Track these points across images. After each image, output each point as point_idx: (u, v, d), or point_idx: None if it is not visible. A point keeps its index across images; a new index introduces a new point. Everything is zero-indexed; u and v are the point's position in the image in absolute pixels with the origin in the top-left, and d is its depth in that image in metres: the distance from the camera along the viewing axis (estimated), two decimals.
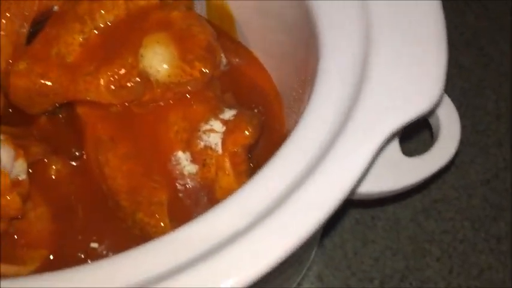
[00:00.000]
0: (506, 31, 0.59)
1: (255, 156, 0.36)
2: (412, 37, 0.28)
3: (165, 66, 0.34)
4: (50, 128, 0.38)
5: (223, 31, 0.43)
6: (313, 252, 0.47)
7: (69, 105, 0.38)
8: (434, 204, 0.51)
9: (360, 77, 0.27)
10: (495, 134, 0.54)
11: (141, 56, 0.34)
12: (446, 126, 0.31)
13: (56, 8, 0.37)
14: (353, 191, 0.29)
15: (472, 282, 0.47)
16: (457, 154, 0.51)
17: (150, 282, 0.25)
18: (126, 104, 0.35)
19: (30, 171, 0.33)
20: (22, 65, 0.35)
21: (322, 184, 0.25)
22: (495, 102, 0.56)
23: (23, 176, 0.32)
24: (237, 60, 0.42)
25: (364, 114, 0.26)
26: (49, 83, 0.35)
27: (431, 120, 0.33)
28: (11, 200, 0.30)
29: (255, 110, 0.40)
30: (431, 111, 0.29)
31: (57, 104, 0.37)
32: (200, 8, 0.43)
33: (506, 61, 0.58)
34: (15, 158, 0.31)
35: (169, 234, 0.27)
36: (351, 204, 0.50)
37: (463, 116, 0.36)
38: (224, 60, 0.38)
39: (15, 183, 0.31)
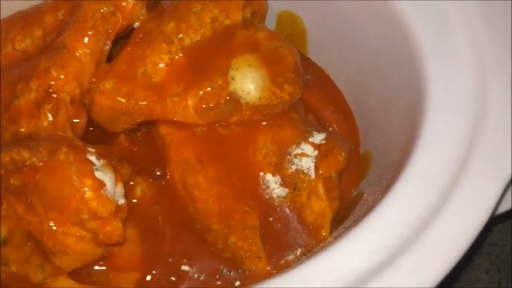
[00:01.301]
0: None
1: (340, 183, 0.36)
2: None
3: (256, 89, 0.34)
4: (129, 146, 0.37)
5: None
6: None
7: (148, 124, 0.38)
8: None
9: (477, 114, 0.27)
10: None
11: (232, 78, 0.34)
12: None
13: (137, 24, 0.37)
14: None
15: None
16: None
17: None
18: (212, 125, 0.35)
19: None
20: (108, 84, 0.35)
21: (453, 227, 0.25)
22: None
23: (122, 201, 0.31)
24: (308, 77, 0.42)
25: (487, 153, 0.27)
26: (135, 103, 0.35)
27: None
28: (115, 226, 0.30)
29: (330, 129, 0.40)
30: None
31: (138, 123, 0.37)
32: (268, 20, 0.43)
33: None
34: (116, 183, 0.31)
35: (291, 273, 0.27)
36: None
37: None
38: None
39: (117, 209, 0.30)
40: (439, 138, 0.28)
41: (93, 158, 0.30)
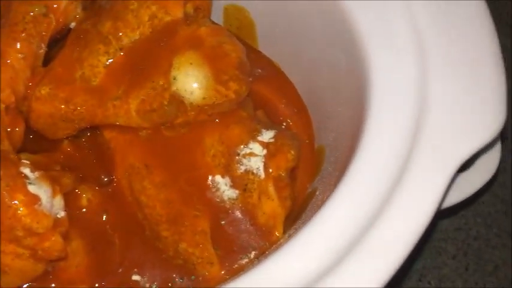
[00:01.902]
0: (506, 26, 0.60)
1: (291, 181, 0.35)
2: (468, 63, 0.28)
3: (200, 88, 0.33)
4: (74, 153, 0.36)
5: (242, 39, 0.41)
6: None
7: (92, 128, 0.36)
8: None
9: (420, 105, 0.27)
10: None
11: (174, 78, 0.33)
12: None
13: (73, 24, 0.35)
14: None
15: (488, 279, 0.48)
16: None
17: None
18: (157, 127, 0.34)
19: None
20: (44, 90, 0.33)
21: (398, 225, 0.25)
22: None
23: (61, 214, 0.30)
24: (259, 71, 0.41)
25: (431, 147, 0.26)
26: (75, 108, 0.33)
27: None
28: (54, 241, 0.28)
29: (283, 124, 0.39)
30: (495, 140, 0.29)
31: (80, 129, 0.35)
32: (216, 15, 0.42)
33: (507, 57, 0.58)
34: (53, 195, 0.29)
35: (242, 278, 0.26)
36: None
37: None
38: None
39: (56, 223, 0.29)
40: (383, 134, 0.27)
41: (27, 171, 0.29)
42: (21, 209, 0.27)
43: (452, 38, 0.29)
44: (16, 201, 0.27)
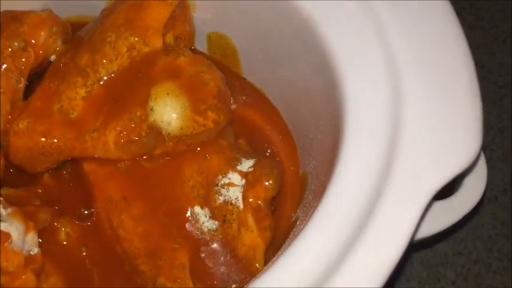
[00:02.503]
0: (503, 43, 0.59)
1: (271, 211, 0.34)
2: (442, 88, 0.27)
3: (177, 118, 0.33)
4: (55, 185, 0.36)
5: (227, 66, 0.41)
6: None
7: (73, 161, 0.36)
8: None
9: (393, 131, 0.26)
10: (500, 149, 0.54)
11: (151, 109, 0.33)
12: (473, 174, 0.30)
13: (52, 58, 0.35)
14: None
15: None
16: None
17: None
18: (136, 158, 0.34)
19: (40, 240, 0.31)
20: (22, 124, 0.33)
21: (369, 259, 0.24)
22: (497, 116, 0.55)
23: (35, 250, 0.30)
24: (244, 98, 0.41)
25: (404, 176, 0.25)
26: (53, 142, 0.33)
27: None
28: (26, 280, 0.28)
29: (268, 151, 0.39)
30: (470, 168, 0.28)
31: (59, 162, 0.35)
32: (200, 42, 0.42)
33: (505, 73, 0.58)
34: (26, 232, 0.29)
35: None
36: None
37: None
38: (232, 102, 0.37)
39: (28, 260, 0.29)
40: (356, 163, 0.26)
41: None
42: None
43: (426, 64, 0.28)
44: None
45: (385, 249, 0.24)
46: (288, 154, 0.38)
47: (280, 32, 0.36)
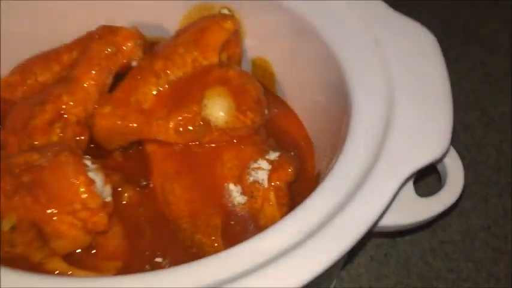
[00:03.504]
0: (506, 95, 0.67)
1: (290, 191, 0.43)
2: (425, 99, 0.36)
3: (224, 114, 0.42)
4: (123, 161, 0.45)
5: (264, 85, 0.51)
6: (334, 283, 0.53)
7: (139, 143, 0.46)
8: (441, 245, 0.57)
9: (384, 132, 0.35)
10: (496, 186, 0.60)
11: (205, 105, 0.42)
12: (452, 173, 0.39)
13: (134, 63, 0.46)
14: (376, 223, 0.35)
15: None
16: (461, 200, 0.58)
17: (217, 283, 0.32)
18: (189, 143, 0.43)
19: None
20: (107, 109, 0.43)
21: (352, 216, 0.32)
22: (496, 158, 0.62)
23: (109, 199, 0.39)
24: (276, 110, 0.50)
25: (387, 160, 0.34)
26: (128, 124, 0.43)
27: (439, 167, 0.40)
28: (101, 217, 0.37)
29: (292, 153, 0.47)
30: (440, 159, 0.36)
31: (130, 142, 0.45)
32: (246, 64, 0.52)
33: (506, 121, 0.65)
34: (105, 184, 0.38)
35: (233, 248, 0.33)
36: (370, 237, 0.56)
37: (466, 168, 0.43)
38: (266, 110, 0.46)
39: (104, 204, 0.38)
40: (355, 151, 0.35)
41: (88, 162, 0.38)
42: (81, 187, 0.37)
43: (413, 84, 0.38)
44: (78, 181, 0.37)
45: (368, 208, 0.32)
46: (307, 157, 0.47)
47: (309, 62, 0.46)
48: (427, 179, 0.59)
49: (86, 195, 0.36)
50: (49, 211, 0.37)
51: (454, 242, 0.57)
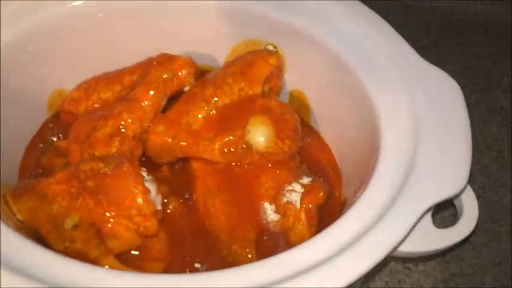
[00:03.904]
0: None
1: (319, 214, 0.48)
2: (447, 139, 0.41)
3: (264, 140, 0.47)
4: (169, 174, 0.50)
5: (300, 116, 0.56)
6: None
7: (184, 159, 0.51)
8: (453, 277, 0.60)
9: (408, 168, 0.40)
10: (508, 225, 0.63)
11: (248, 131, 0.47)
12: (467, 208, 0.43)
13: (186, 88, 0.51)
14: (395, 249, 0.40)
15: None
16: (474, 236, 0.61)
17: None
18: (231, 164, 0.48)
19: None
20: (161, 127, 0.49)
21: (374, 241, 0.37)
22: (509, 198, 0.65)
23: (159, 207, 0.44)
24: (309, 139, 0.55)
25: (410, 193, 0.39)
26: (178, 142, 0.48)
27: (456, 202, 0.44)
28: (153, 223, 0.42)
29: (321, 179, 0.52)
30: (457, 195, 0.41)
31: (177, 158, 0.50)
32: (284, 95, 0.57)
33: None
34: (157, 193, 0.44)
35: (267, 259, 0.38)
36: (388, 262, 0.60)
37: (481, 206, 0.46)
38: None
39: (156, 212, 0.43)
40: (381, 184, 0.40)
41: (144, 174, 0.44)
42: (138, 195, 0.42)
43: (437, 122, 0.43)
44: (136, 190, 0.42)
45: (390, 234, 0.37)
46: (335, 184, 0.52)
47: (343, 98, 0.51)
48: (442, 213, 0.62)
49: (142, 202, 0.42)
50: (108, 214, 0.42)
51: (465, 275, 0.60)
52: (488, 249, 0.62)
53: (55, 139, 0.53)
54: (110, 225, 0.42)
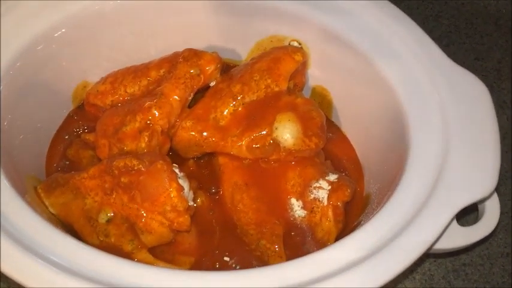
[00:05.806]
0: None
1: (345, 211, 0.49)
2: (476, 141, 0.42)
3: (292, 137, 0.48)
4: (195, 169, 0.51)
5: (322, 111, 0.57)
6: None
7: (210, 154, 0.52)
8: (463, 267, 0.61)
9: (440, 169, 0.41)
10: None
11: (276, 128, 0.48)
12: (490, 206, 0.44)
13: (212, 83, 0.52)
14: (430, 249, 0.41)
15: None
16: None
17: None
18: (258, 160, 0.49)
19: None
20: (188, 123, 0.49)
21: (410, 241, 0.38)
22: None
23: (191, 203, 0.45)
24: (330, 135, 0.56)
25: (443, 194, 0.40)
26: (205, 138, 0.49)
27: (479, 204, 0.46)
28: (186, 219, 0.43)
29: (343, 174, 0.53)
30: (486, 198, 0.42)
31: (204, 153, 0.51)
32: (307, 92, 0.57)
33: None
34: (190, 190, 0.44)
35: (303, 258, 0.39)
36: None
37: None
38: None
39: (188, 208, 0.44)
40: (411, 187, 0.41)
41: (177, 170, 0.44)
42: (173, 192, 0.42)
43: (467, 124, 0.44)
44: (171, 187, 0.43)
45: (425, 234, 0.38)
46: (356, 179, 0.53)
47: (366, 94, 0.52)
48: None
49: (176, 199, 0.42)
50: (143, 209, 0.43)
51: (475, 265, 0.61)
52: (497, 240, 0.63)
53: (80, 131, 0.54)
54: (144, 220, 0.43)
